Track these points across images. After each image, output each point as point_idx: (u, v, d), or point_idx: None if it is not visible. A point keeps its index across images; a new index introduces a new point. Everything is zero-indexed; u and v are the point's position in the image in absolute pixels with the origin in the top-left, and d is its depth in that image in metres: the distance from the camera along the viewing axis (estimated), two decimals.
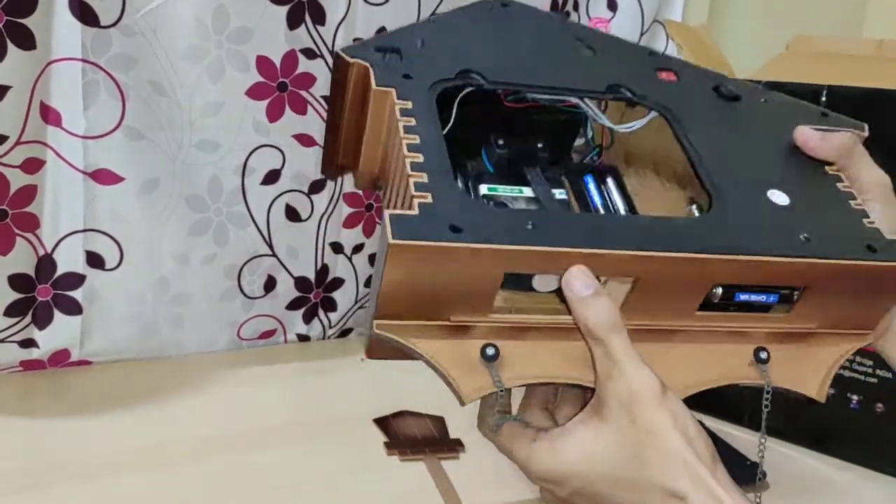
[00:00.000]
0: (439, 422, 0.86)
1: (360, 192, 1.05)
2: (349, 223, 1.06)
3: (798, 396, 0.55)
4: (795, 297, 0.51)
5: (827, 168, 0.56)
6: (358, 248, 1.08)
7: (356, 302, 1.11)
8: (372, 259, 1.10)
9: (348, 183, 1.04)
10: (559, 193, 0.54)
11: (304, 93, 0.96)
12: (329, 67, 0.97)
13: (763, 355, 0.53)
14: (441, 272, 0.44)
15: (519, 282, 0.48)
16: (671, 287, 0.48)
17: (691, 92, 0.58)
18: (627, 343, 0.46)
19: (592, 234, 0.46)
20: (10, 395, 0.87)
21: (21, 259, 0.86)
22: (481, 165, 0.56)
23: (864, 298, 0.52)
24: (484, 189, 0.53)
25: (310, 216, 1.02)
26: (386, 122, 0.52)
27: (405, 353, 0.48)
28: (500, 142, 0.56)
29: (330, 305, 1.09)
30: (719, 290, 0.50)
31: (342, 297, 1.09)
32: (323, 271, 1.06)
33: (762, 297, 0.51)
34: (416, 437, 0.83)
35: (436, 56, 0.54)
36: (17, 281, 0.86)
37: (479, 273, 0.45)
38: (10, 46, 0.78)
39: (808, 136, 0.56)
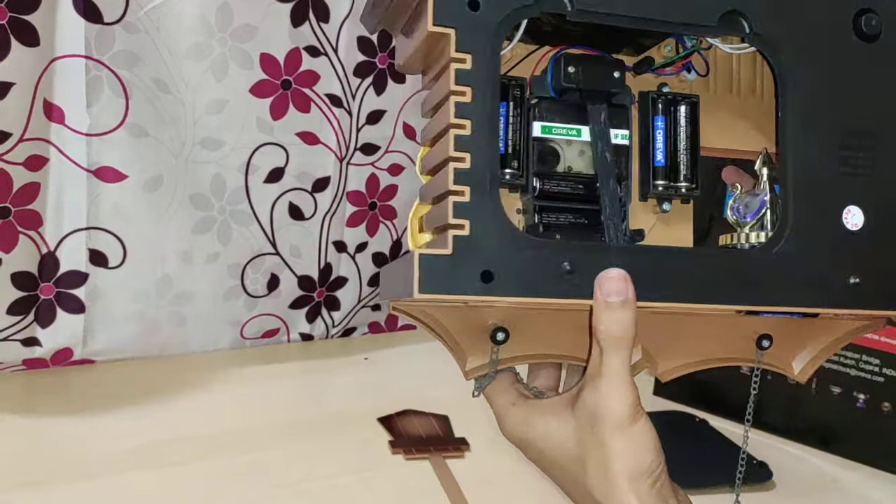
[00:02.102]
0: (444, 421, 0.85)
1: (364, 190, 1.05)
2: (352, 222, 1.05)
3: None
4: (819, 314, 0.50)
5: None
6: (361, 247, 1.07)
7: (359, 301, 1.10)
8: (376, 258, 1.10)
9: (352, 182, 1.03)
10: (620, 137, 0.49)
11: (307, 90, 0.96)
12: (332, 66, 0.97)
13: (765, 343, 0.51)
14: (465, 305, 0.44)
15: None
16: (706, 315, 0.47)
17: (820, 24, 0.48)
18: (625, 363, 0.45)
19: (633, 277, 0.43)
20: (13, 394, 0.87)
21: (24, 257, 0.86)
22: (543, 83, 0.49)
23: None
24: (537, 129, 0.49)
25: (313, 215, 1.02)
26: (436, 56, 0.46)
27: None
28: (571, 69, 0.48)
29: (333, 304, 1.08)
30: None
31: (345, 296, 1.09)
32: (326, 270, 1.06)
33: (787, 315, 0.50)
34: (421, 436, 0.82)
35: None
36: (19, 279, 0.86)
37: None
38: (14, 43, 0.78)
39: None
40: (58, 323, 0.90)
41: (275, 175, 0.97)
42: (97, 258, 0.90)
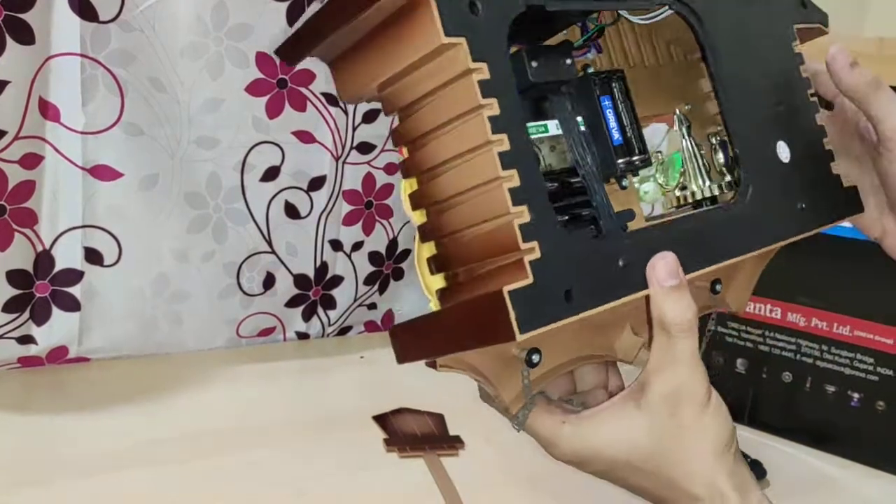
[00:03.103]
0: (438, 419, 0.85)
1: (360, 189, 1.05)
2: (349, 220, 1.05)
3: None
4: None
5: (808, 93, 0.57)
6: (357, 246, 1.07)
7: (355, 300, 1.10)
8: (371, 257, 1.10)
9: (348, 180, 1.03)
10: (580, 123, 0.50)
11: (303, 89, 0.96)
12: None
13: (718, 287, 0.53)
14: None
15: None
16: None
17: None
18: (695, 345, 0.45)
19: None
20: (8, 392, 0.87)
21: (19, 255, 0.86)
22: None
23: None
24: None
25: (309, 213, 1.02)
26: (437, 71, 0.41)
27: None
28: (534, 64, 0.46)
29: (329, 303, 1.08)
30: None
31: (341, 294, 1.09)
32: (322, 269, 1.06)
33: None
34: (416, 434, 0.83)
35: None
36: (14, 277, 0.86)
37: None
38: (9, 41, 0.78)
39: (839, 60, 0.54)
40: (53, 321, 0.90)
41: (271, 174, 0.97)
42: (93, 256, 0.90)
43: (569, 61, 0.47)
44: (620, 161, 0.50)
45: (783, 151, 0.53)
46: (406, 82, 0.43)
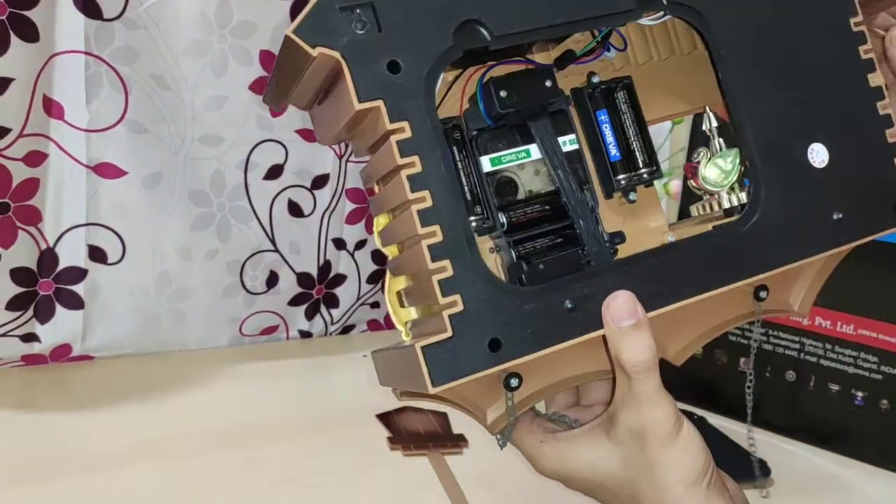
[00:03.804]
0: (442, 417, 0.85)
1: (363, 187, 1.05)
2: (352, 219, 1.05)
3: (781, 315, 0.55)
4: None
5: (870, 77, 0.49)
6: (360, 245, 1.07)
7: (358, 299, 1.10)
8: (375, 256, 1.10)
9: (352, 179, 1.03)
10: (569, 143, 0.48)
11: None
12: None
13: (762, 294, 0.50)
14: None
15: None
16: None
17: None
18: (657, 383, 0.44)
19: (638, 289, 0.43)
20: (12, 390, 0.87)
21: (23, 253, 0.86)
22: (477, 114, 0.47)
23: None
24: (487, 164, 0.47)
25: (312, 212, 1.02)
26: (370, 128, 0.42)
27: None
28: (503, 93, 0.45)
29: (332, 302, 1.08)
30: None
31: (344, 293, 1.09)
32: (325, 267, 1.06)
33: None
34: (419, 433, 0.82)
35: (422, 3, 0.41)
36: (18, 275, 0.86)
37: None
38: (14, 38, 0.78)
39: None
40: (57, 319, 0.90)
41: (274, 172, 0.97)
42: (96, 254, 0.90)
43: (548, 83, 0.46)
44: (621, 177, 0.49)
45: (818, 155, 0.48)
46: (354, 136, 0.45)
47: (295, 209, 1.00)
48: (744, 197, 0.49)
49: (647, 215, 0.52)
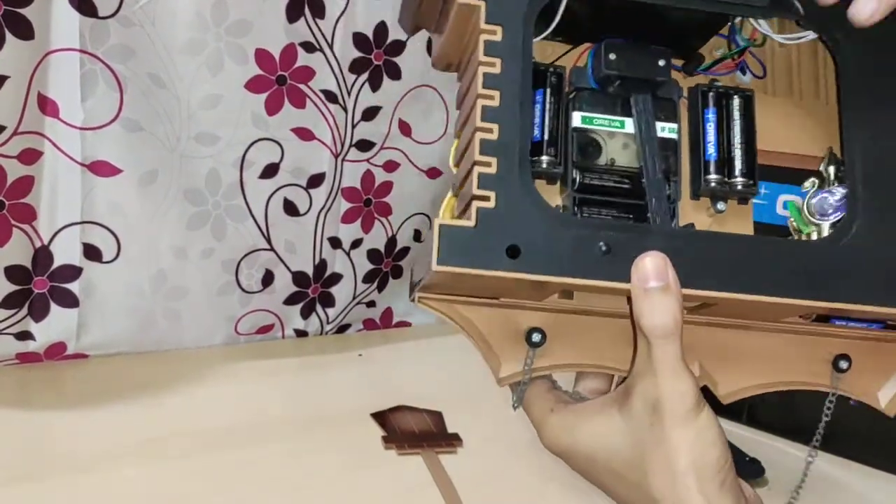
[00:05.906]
0: (437, 416, 0.85)
1: (359, 187, 1.05)
2: (348, 218, 1.05)
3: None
4: None
5: None
6: (356, 244, 1.07)
7: (354, 298, 1.10)
8: (370, 255, 1.10)
9: (348, 178, 1.03)
10: (668, 130, 0.46)
11: (303, 86, 0.96)
12: (328, 62, 0.97)
13: (843, 364, 0.47)
14: (494, 285, 0.41)
15: None
16: (766, 314, 0.44)
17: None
18: (677, 352, 0.40)
19: (679, 263, 0.40)
20: (6, 388, 0.87)
21: (17, 250, 0.85)
22: (584, 75, 0.46)
23: None
24: (577, 119, 0.45)
25: (308, 210, 1.02)
26: (468, 37, 0.43)
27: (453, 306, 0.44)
28: (612, 56, 0.45)
29: (328, 301, 1.08)
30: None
31: (340, 292, 1.09)
32: (321, 266, 1.06)
33: (863, 325, 0.46)
34: (414, 432, 0.82)
35: None
36: (13, 272, 0.86)
37: (537, 286, 0.41)
38: (9, 36, 0.77)
39: None
40: (51, 317, 0.90)
41: (270, 171, 0.97)
42: (91, 252, 0.90)
43: (661, 62, 0.45)
44: (712, 177, 0.46)
45: None
46: (461, 51, 0.45)
47: (291, 208, 1.00)
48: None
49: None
